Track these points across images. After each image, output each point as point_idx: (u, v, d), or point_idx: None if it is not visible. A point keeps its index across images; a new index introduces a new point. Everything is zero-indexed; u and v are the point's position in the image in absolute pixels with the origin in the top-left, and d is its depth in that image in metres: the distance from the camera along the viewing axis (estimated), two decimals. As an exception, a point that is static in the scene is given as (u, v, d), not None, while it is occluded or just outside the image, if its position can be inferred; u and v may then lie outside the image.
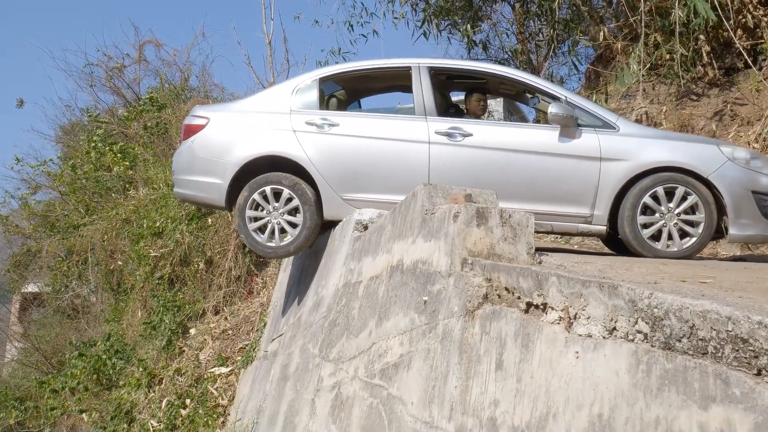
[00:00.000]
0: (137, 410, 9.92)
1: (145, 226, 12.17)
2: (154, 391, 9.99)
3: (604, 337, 2.14)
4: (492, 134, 5.76)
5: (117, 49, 28.41)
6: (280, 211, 6.01)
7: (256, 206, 6.03)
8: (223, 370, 9.37)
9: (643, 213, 5.43)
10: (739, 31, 10.97)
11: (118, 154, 14.85)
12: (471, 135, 5.73)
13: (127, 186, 14.60)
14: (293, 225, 6.00)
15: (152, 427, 9.26)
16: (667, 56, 11.08)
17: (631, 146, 5.50)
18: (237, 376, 9.21)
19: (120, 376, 10.89)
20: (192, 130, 6.34)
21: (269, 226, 6.03)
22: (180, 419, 9.14)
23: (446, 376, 3.11)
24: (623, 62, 11.66)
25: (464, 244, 3.47)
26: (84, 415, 10.67)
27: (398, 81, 6.61)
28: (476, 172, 5.63)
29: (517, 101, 8.64)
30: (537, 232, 5.48)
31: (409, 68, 6.11)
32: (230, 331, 10.29)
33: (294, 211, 6.00)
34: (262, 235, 6.05)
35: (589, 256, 4.71)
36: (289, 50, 27.76)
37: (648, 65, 10.98)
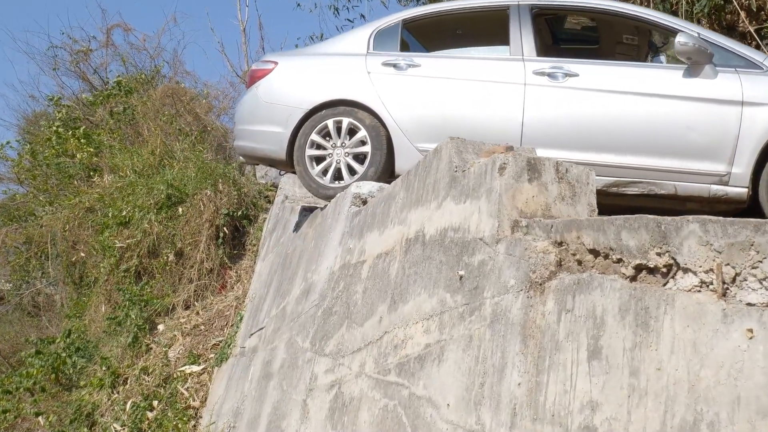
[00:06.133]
0: (99, 412, 9.02)
1: (110, 215, 11.30)
2: (117, 392, 9.10)
3: (801, 305, 1.40)
4: (603, 74, 4.92)
5: (83, 32, 27.24)
6: (345, 151, 5.38)
7: (321, 136, 5.46)
8: (195, 368, 8.53)
9: None
10: (743, 14, 10.49)
11: (82, 140, 13.97)
12: (576, 75, 4.89)
13: (91, 173, 13.72)
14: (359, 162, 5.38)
15: (115, 430, 8.38)
16: (668, 39, 10.58)
17: None
18: (210, 375, 8.37)
19: (81, 376, 9.98)
20: (257, 76, 5.77)
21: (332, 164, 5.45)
22: (146, 422, 8.27)
23: (502, 369, 2.36)
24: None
25: (513, 203, 2.73)
26: (41, 418, 9.72)
27: (493, 29, 5.72)
28: (581, 118, 4.81)
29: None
30: (656, 196, 4.70)
31: (506, 8, 5.30)
32: (202, 327, 9.44)
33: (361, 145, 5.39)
34: (315, 168, 5.49)
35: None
36: (264, 37, 26.75)
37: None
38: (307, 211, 6.69)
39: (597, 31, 6.29)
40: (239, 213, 11.05)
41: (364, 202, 4.86)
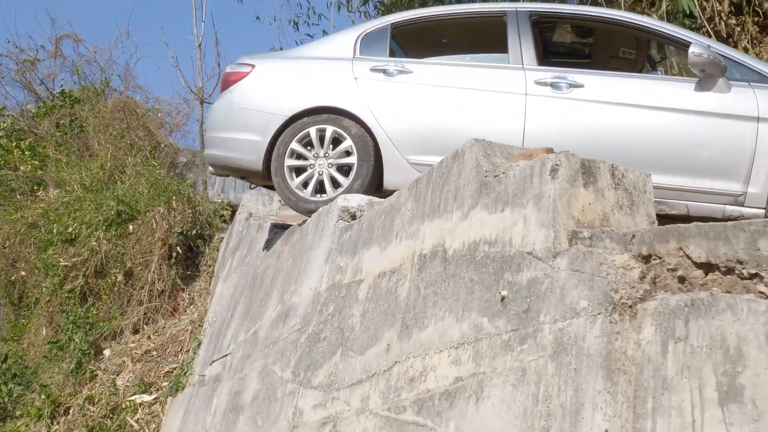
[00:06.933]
0: (37, 446, 8.30)
1: (55, 231, 10.62)
2: (58, 423, 8.38)
3: None
4: (609, 85, 4.59)
5: (31, 40, 26.43)
6: (328, 161, 5.00)
7: (302, 145, 5.07)
8: (146, 398, 7.87)
9: None
10: (713, 38, 10.56)
11: (26, 152, 13.22)
12: (581, 86, 4.55)
13: (35, 187, 12.97)
14: (344, 174, 4.99)
15: (55, 466, 7.69)
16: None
17: None
18: (163, 405, 7.72)
19: (17, 405, 9.21)
20: (232, 80, 5.37)
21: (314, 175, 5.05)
22: (91, 457, 7.60)
23: (577, 411, 1.91)
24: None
25: (569, 211, 2.30)
26: (-29, 450, 8.95)
27: (488, 37, 5.42)
28: (587, 131, 4.48)
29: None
30: (667, 216, 4.35)
31: (503, 15, 4.97)
32: (154, 352, 8.79)
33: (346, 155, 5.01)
34: (294, 179, 5.09)
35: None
36: (220, 54, 26.06)
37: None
38: (278, 228, 6.18)
39: (591, 44, 6.02)
40: (193, 232, 10.51)
41: (353, 217, 4.40)
